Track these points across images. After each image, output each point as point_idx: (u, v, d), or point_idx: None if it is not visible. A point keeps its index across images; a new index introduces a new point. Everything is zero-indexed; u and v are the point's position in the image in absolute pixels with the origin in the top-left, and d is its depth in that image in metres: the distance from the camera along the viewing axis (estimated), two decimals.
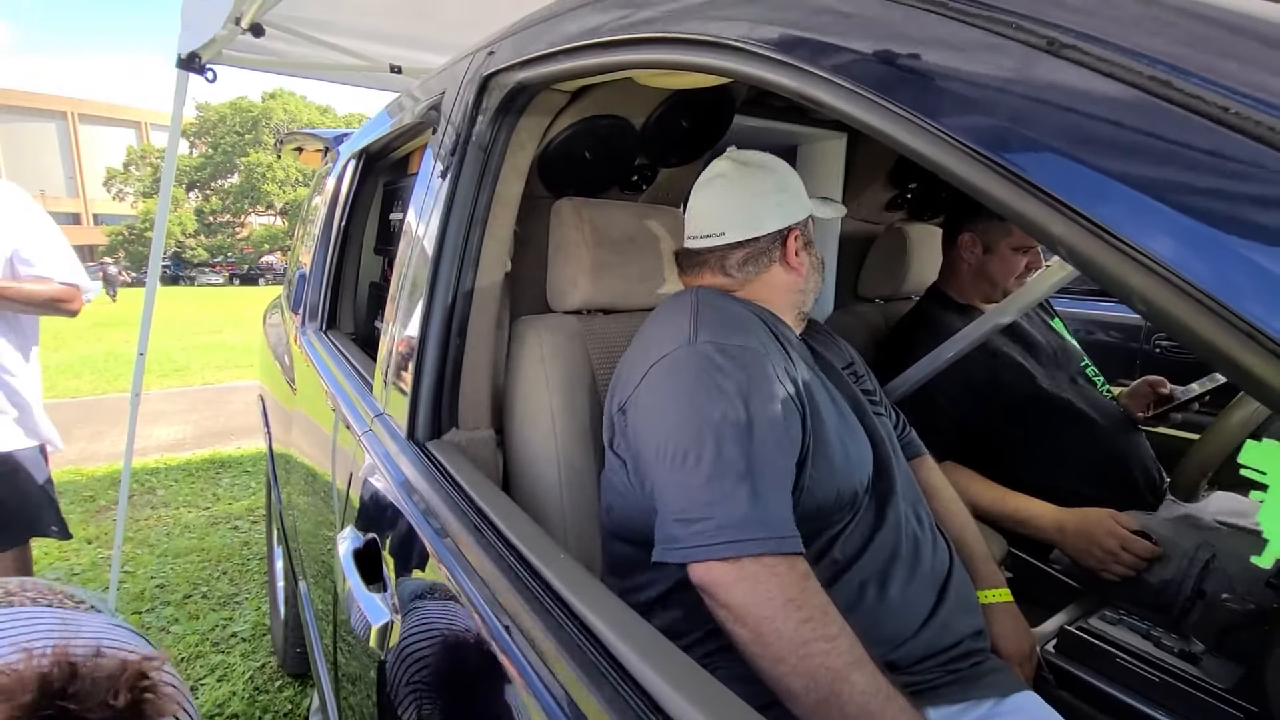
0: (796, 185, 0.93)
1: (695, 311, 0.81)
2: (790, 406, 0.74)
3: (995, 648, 0.87)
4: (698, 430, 0.70)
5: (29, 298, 1.64)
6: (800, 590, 0.64)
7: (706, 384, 0.72)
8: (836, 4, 0.43)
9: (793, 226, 0.91)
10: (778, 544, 0.65)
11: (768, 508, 0.67)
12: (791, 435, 0.73)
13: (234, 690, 1.90)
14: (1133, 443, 1.32)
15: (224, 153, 32.74)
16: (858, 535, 0.78)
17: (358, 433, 1.03)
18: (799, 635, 0.61)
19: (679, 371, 0.75)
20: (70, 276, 1.71)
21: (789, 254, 0.92)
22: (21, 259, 1.65)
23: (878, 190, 1.68)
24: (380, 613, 0.74)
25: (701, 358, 0.74)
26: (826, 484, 0.76)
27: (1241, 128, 0.26)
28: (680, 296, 0.88)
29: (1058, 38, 0.31)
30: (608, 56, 0.67)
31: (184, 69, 2.13)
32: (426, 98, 1.13)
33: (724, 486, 0.67)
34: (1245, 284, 0.25)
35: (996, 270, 1.40)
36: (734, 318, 0.81)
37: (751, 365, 0.74)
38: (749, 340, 0.77)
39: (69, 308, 1.74)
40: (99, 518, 3.16)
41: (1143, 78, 0.28)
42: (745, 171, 0.92)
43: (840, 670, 0.60)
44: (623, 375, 0.84)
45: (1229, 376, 0.26)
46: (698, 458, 0.69)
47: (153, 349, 2.92)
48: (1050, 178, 0.30)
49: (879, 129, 0.39)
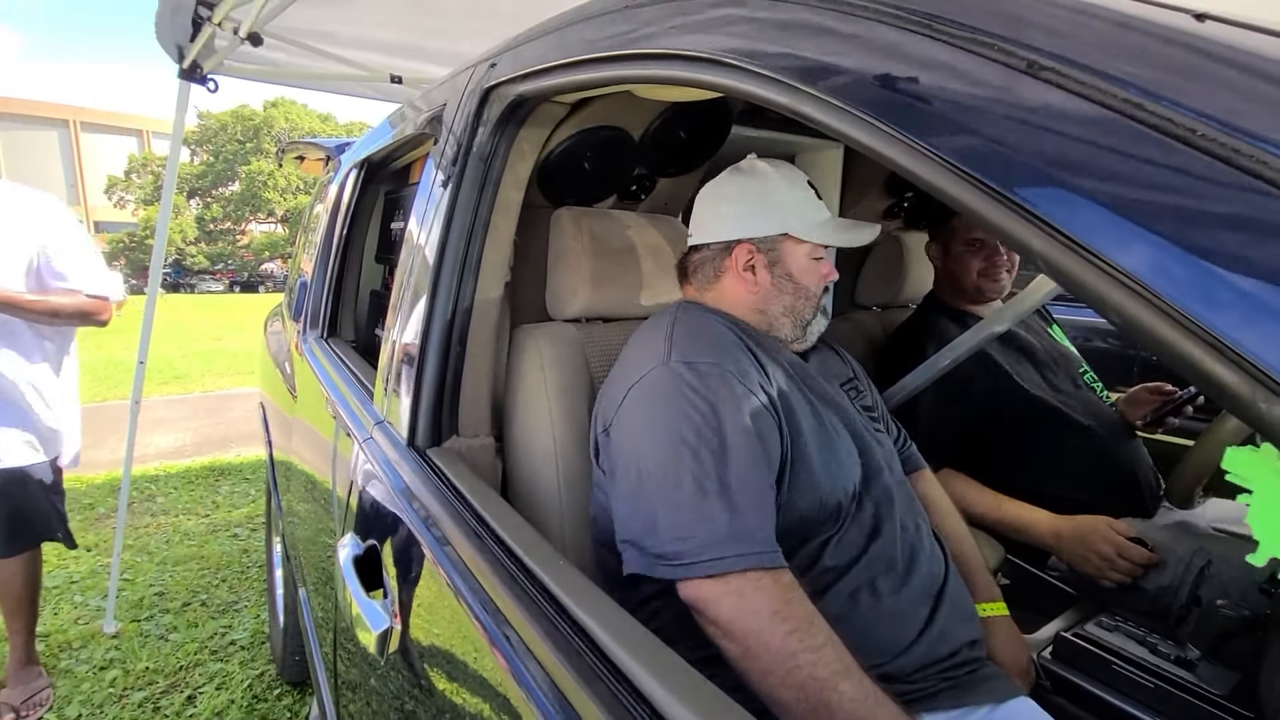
0: (779, 201, 0.89)
1: (670, 331, 0.83)
2: (765, 420, 0.75)
3: (991, 661, 0.87)
4: (676, 451, 0.71)
5: (57, 310, 1.65)
6: (786, 602, 0.65)
7: (681, 404, 0.74)
8: (827, 25, 0.44)
9: (742, 240, 0.90)
10: (759, 559, 0.67)
11: (747, 524, 0.68)
12: (768, 449, 0.74)
13: (233, 698, 1.90)
14: (1130, 449, 1.33)
15: (225, 161, 32.85)
16: (849, 544, 0.79)
17: (358, 440, 1.04)
18: (786, 647, 0.62)
19: (654, 392, 0.77)
20: (100, 289, 1.73)
21: (736, 267, 0.90)
22: (54, 272, 1.66)
23: (874, 199, 1.69)
24: (380, 619, 0.74)
25: (674, 377, 0.76)
26: (808, 495, 0.77)
27: (1208, 149, 0.27)
28: (660, 315, 0.90)
29: (1037, 60, 0.33)
30: (607, 71, 0.68)
31: (186, 79, 2.15)
32: (428, 109, 1.15)
33: (704, 505, 0.68)
34: (1212, 298, 0.26)
35: (957, 270, 1.43)
36: (706, 335, 0.82)
37: (723, 383, 0.75)
38: (720, 358, 0.78)
39: (98, 319, 1.76)
40: (98, 525, 3.16)
41: (1116, 99, 0.30)
42: (731, 177, 0.93)
43: (827, 680, 0.61)
44: (606, 395, 0.84)
45: (1199, 387, 0.27)
46: (677, 480, 0.70)
47: (153, 356, 2.93)
48: (1028, 194, 0.32)
49: (867, 145, 0.40)
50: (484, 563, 0.62)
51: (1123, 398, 1.49)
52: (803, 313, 0.91)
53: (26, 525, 1.75)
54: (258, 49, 2.01)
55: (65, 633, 2.22)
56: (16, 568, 1.77)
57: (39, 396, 1.70)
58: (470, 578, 0.63)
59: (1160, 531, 1.11)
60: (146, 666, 2.05)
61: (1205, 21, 0.31)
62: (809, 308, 0.92)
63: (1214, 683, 0.89)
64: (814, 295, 0.92)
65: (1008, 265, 1.40)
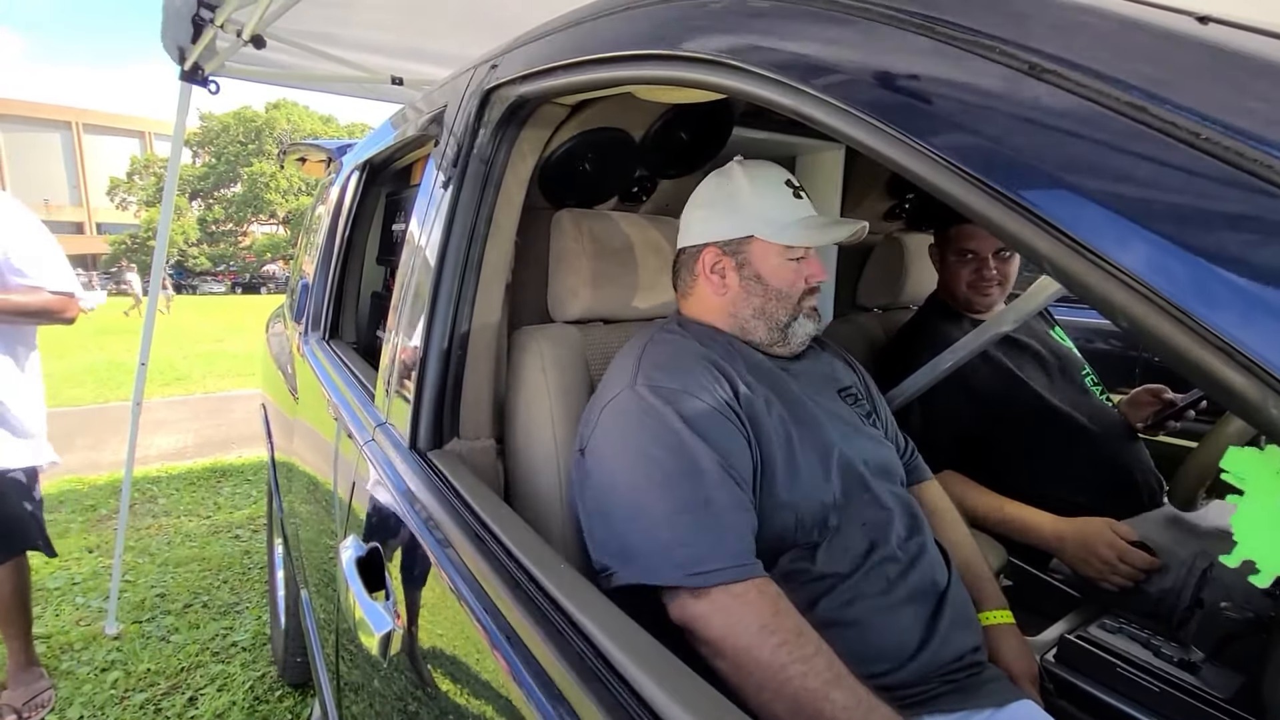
0: (743, 203, 0.88)
1: (641, 353, 0.84)
2: (731, 436, 0.76)
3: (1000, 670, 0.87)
4: (646, 472, 0.72)
5: (19, 308, 1.62)
6: (773, 615, 0.65)
7: (646, 426, 0.75)
8: (829, 26, 0.44)
9: (709, 244, 0.90)
10: (736, 571, 0.67)
11: (721, 538, 0.69)
12: (735, 464, 0.74)
13: (234, 700, 1.90)
14: (1132, 451, 1.33)
15: (227, 162, 32.95)
16: (841, 551, 0.78)
17: (360, 442, 1.04)
18: (776, 660, 0.62)
19: (621, 415, 0.78)
20: (63, 285, 1.69)
21: (705, 271, 0.90)
22: (13, 269, 1.63)
23: (876, 200, 1.69)
24: (383, 621, 0.74)
25: (638, 400, 0.77)
26: (783, 504, 0.77)
27: (1212, 151, 0.27)
28: (641, 334, 0.91)
29: (1039, 62, 0.32)
30: (608, 72, 0.68)
31: (187, 81, 2.15)
32: (429, 110, 1.15)
33: (676, 524, 0.69)
34: (1220, 300, 0.26)
35: (949, 278, 1.45)
36: (673, 357, 0.82)
37: (685, 404, 0.76)
38: (685, 380, 0.78)
39: (64, 316, 1.72)
40: (100, 526, 3.17)
41: (1120, 102, 0.29)
42: (707, 180, 0.94)
43: (819, 690, 0.61)
44: (586, 414, 0.85)
45: (1206, 390, 0.27)
46: (647, 502, 0.71)
47: (155, 358, 2.93)
48: (1032, 195, 0.32)
49: (870, 146, 0.40)
50: (485, 565, 0.62)
51: (1124, 399, 1.49)
52: (776, 315, 0.89)
53: (6, 534, 1.72)
54: (260, 51, 2.02)
55: (67, 634, 2.22)
56: (5, 573, 1.75)
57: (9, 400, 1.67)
58: (472, 580, 0.63)
59: (1163, 533, 1.11)
60: (148, 668, 2.05)
61: (1209, 24, 0.31)
62: (782, 310, 0.89)
63: (1218, 686, 0.88)
64: (788, 296, 0.89)
65: (998, 280, 1.39)
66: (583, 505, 0.80)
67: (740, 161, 0.93)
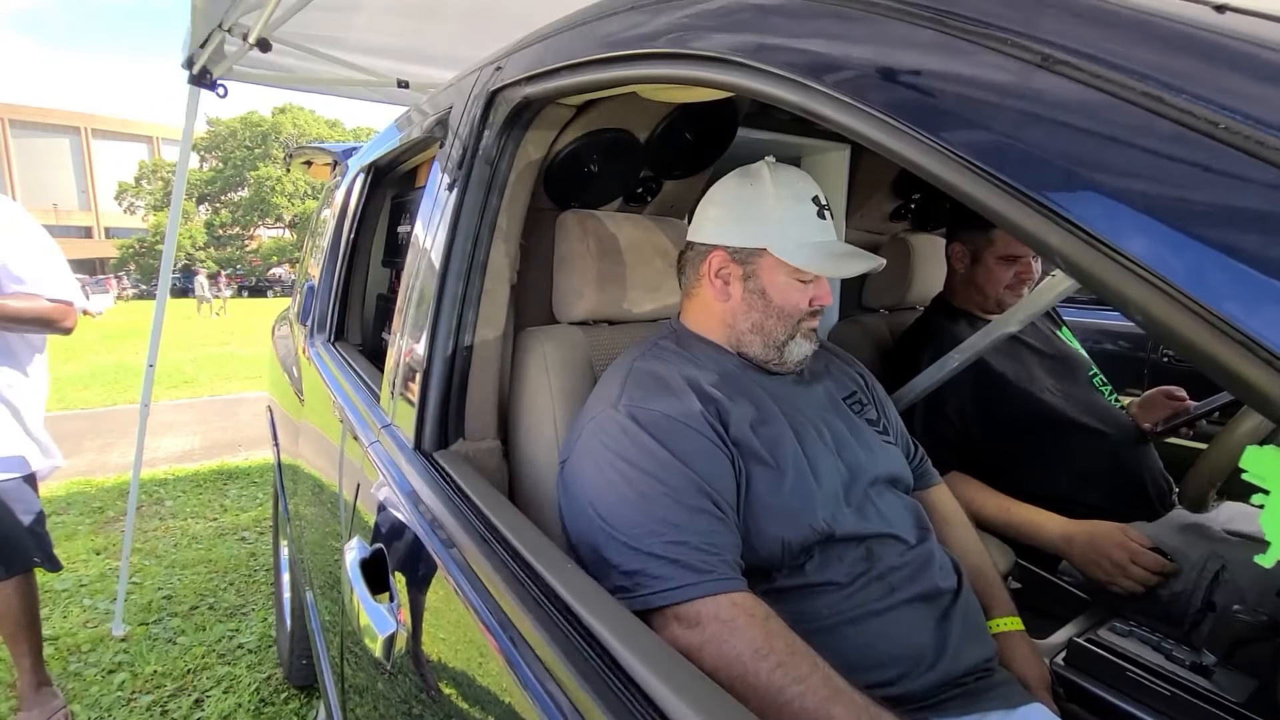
0: (764, 212, 0.84)
1: (629, 371, 0.83)
2: (713, 457, 0.75)
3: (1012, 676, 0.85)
4: (620, 494, 0.71)
5: (15, 315, 1.57)
6: (765, 637, 0.64)
7: (623, 449, 0.74)
8: (838, 22, 0.44)
9: (718, 247, 0.87)
10: (715, 584, 0.66)
11: (698, 556, 0.67)
12: (717, 485, 0.73)
13: (240, 702, 1.90)
14: (1141, 453, 1.31)
15: (234, 166, 33.16)
16: (842, 561, 0.77)
17: (365, 444, 1.04)
18: (773, 683, 0.61)
19: (601, 435, 0.77)
20: (62, 293, 1.65)
21: (709, 273, 0.88)
22: (11, 275, 1.58)
23: (881, 200, 1.68)
24: (387, 623, 0.74)
25: (617, 423, 0.76)
26: (772, 526, 0.75)
27: (1231, 142, 0.26)
28: (633, 349, 0.90)
29: (1052, 54, 0.32)
30: (613, 71, 0.68)
31: (195, 85, 2.17)
32: (434, 112, 1.15)
33: (651, 543, 0.68)
34: (1236, 293, 0.26)
35: (984, 280, 1.42)
36: (661, 377, 0.81)
37: (665, 428, 0.75)
38: (668, 407, 0.77)
39: (61, 326, 1.67)
40: (107, 529, 3.18)
41: (1135, 93, 0.29)
42: (731, 178, 0.90)
43: (818, 708, 0.60)
44: (573, 426, 0.84)
45: (1226, 387, 0.27)
46: (624, 522, 0.70)
47: (162, 360, 2.94)
48: (1046, 190, 0.31)
49: (879, 142, 0.40)
50: (490, 566, 0.62)
51: (1136, 401, 1.47)
52: (774, 333, 0.86)
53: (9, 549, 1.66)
54: (267, 54, 2.03)
55: (74, 636, 2.23)
56: (9, 591, 1.70)
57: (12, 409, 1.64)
58: (476, 581, 0.63)
59: (1174, 536, 1.10)
60: (154, 670, 2.05)
61: (1225, 13, 0.30)
62: (781, 329, 0.86)
63: (1231, 689, 0.87)
64: (789, 317, 0.86)
65: (1033, 280, 1.38)
66: (562, 516, 0.79)
67: (770, 164, 0.87)
